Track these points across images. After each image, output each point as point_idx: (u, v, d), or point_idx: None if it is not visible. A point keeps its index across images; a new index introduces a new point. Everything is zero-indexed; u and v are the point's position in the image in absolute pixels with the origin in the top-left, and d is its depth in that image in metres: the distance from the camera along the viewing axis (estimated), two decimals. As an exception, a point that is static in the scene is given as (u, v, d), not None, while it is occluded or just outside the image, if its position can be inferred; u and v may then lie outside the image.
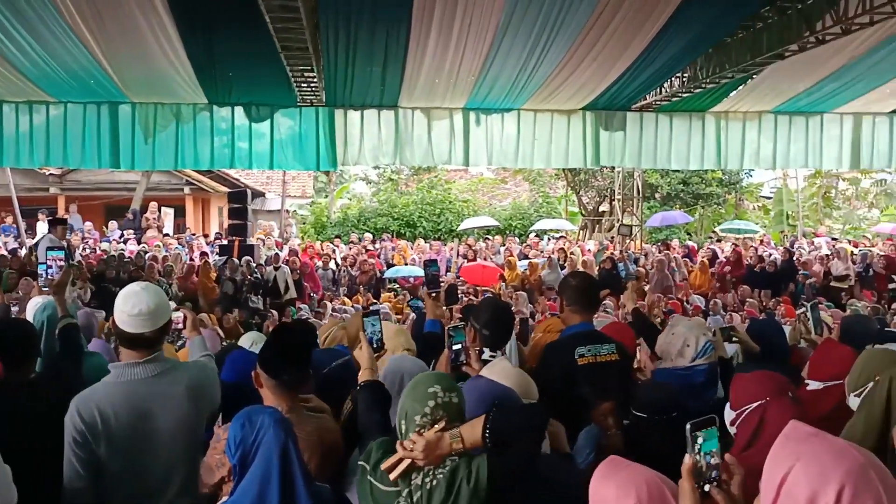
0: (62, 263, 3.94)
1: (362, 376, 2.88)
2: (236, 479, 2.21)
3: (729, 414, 2.71)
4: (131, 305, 2.85)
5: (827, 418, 3.09)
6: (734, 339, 4.32)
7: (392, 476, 2.26)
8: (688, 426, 1.71)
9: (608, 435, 3.20)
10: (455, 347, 3.02)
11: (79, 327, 3.68)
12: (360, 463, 2.40)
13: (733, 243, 18.11)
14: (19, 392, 3.15)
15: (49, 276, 3.91)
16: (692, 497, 1.66)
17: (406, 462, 2.25)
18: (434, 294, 4.38)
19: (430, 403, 2.32)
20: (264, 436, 2.20)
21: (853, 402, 2.99)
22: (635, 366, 4.37)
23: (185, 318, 3.78)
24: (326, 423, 2.90)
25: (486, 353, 3.45)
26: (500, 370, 2.76)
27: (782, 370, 3.72)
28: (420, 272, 16.54)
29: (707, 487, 1.67)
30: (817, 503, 1.39)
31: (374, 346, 3.14)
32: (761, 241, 19.78)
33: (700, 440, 1.69)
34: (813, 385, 3.52)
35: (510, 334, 3.83)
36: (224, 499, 2.29)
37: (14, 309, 7.34)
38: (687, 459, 1.68)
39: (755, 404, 2.56)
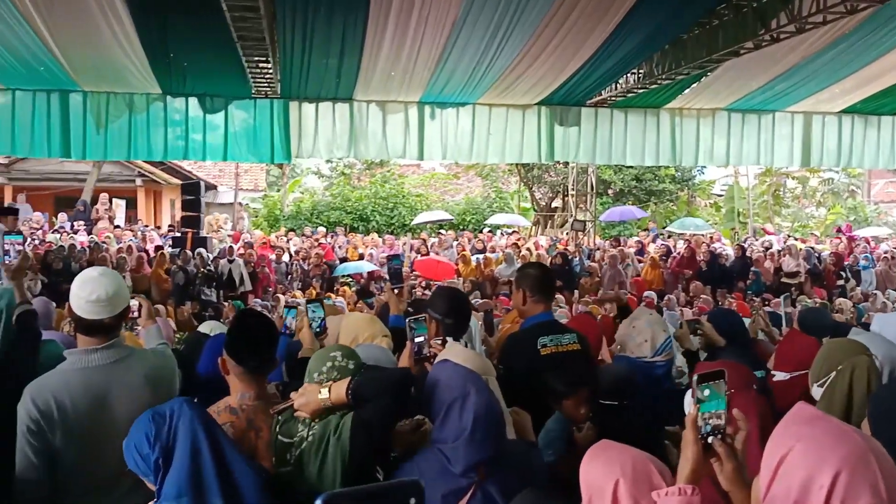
0: (20, 248, 3.84)
1: (302, 353, 3.40)
2: (162, 475, 2.14)
3: (690, 404, 2.71)
4: (89, 291, 2.77)
5: (794, 408, 3.13)
6: (699, 331, 4.34)
7: (272, 410, 2.55)
8: (694, 378, 1.70)
9: (583, 427, 3.21)
10: (417, 339, 3.02)
11: (37, 314, 3.57)
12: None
13: (686, 240, 18.31)
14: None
15: (7, 261, 3.81)
16: (694, 448, 1.64)
17: (288, 404, 2.52)
18: (397, 289, 4.33)
19: (328, 364, 2.60)
20: (179, 418, 2.16)
21: (816, 392, 3.00)
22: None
23: (141, 306, 3.68)
24: None
25: (450, 342, 3.45)
26: (459, 352, 2.74)
27: (746, 359, 3.79)
28: (369, 267, 16.52)
29: (710, 440, 1.65)
30: (812, 487, 1.38)
31: (317, 330, 3.69)
32: (712, 238, 20.05)
33: (706, 392, 1.67)
34: (779, 376, 3.56)
35: (469, 321, 3.83)
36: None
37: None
38: (692, 409, 1.66)
39: None
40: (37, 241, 15.80)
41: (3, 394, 2.85)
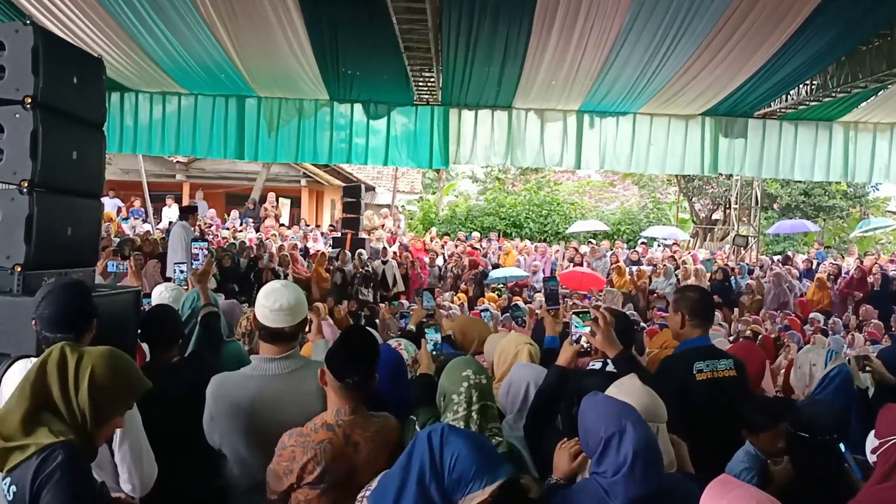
0: (206, 253, 4.13)
1: (420, 370, 3.61)
2: None
3: (871, 441, 2.62)
4: (273, 301, 2.98)
5: None
6: (867, 368, 4.10)
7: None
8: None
9: (777, 462, 3.15)
10: (577, 333, 3.09)
11: (220, 316, 3.84)
12: (411, 417, 2.98)
13: (857, 258, 17.24)
14: (160, 375, 3.31)
15: (195, 267, 4.10)
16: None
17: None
18: (553, 311, 4.22)
19: (464, 385, 2.72)
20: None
21: None
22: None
23: (310, 320, 3.74)
24: (389, 422, 2.89)
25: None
26: (628, 388, 2.66)
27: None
28: (520, 273, 16.52)
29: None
30: None
31: (434, 352, 3.83)
32: (892, 259, 18.73)
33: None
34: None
35: (633, 342, 3.81)
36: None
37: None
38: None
39: None
40: (210, 238, 16.82)
41: (189, 390, 3.13)
